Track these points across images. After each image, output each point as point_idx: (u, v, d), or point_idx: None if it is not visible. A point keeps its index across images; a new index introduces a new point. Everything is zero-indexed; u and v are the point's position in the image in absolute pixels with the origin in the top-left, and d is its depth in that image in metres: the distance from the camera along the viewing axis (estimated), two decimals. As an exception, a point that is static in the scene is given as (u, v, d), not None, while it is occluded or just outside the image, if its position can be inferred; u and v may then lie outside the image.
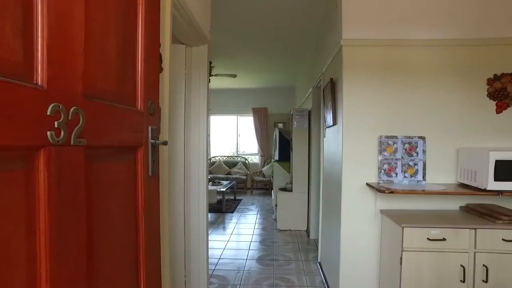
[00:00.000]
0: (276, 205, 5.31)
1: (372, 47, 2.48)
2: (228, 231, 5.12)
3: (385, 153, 2.42)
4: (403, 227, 2.05)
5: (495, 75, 2.48)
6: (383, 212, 2.42)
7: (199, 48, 2.60)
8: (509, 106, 2.49)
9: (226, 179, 8.42)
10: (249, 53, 5.36)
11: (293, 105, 8.12)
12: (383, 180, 2.41)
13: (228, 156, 9.58)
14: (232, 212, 6.43)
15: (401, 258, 2.06)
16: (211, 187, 6.71)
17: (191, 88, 2.61)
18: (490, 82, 2.49)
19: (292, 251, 4.16)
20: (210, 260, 3.81)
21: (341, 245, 2.53)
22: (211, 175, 8.70)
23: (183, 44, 2.53)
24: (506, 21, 2.47)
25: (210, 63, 6.06)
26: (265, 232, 5.02)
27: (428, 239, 2.04)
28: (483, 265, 2.05)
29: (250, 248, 4.25)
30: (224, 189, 6.59)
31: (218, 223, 5.57)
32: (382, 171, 2.42)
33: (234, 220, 5.79)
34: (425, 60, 2.48)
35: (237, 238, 4.74)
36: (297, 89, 7.89)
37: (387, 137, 2.43)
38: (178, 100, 2.49)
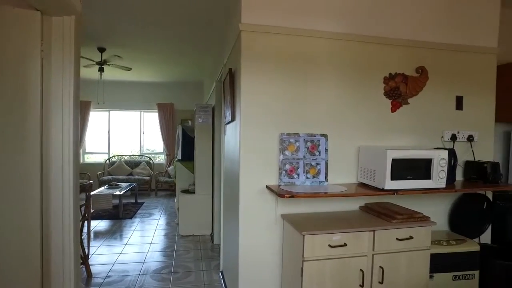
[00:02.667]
0: (178, 209, 4.85)
1: (275, 36, 2.25)
2: (124, 240, 4.48)
3: (287, 152, 2.22)
4: (304, 235, 1.86)
5: (390, 73, 2.49)
6: (284, 217, 2.21)
7: (62, 19, 2.03)
8: (401, 105, 2.53)
9: (127, 181, 7.59)
10: (151, 42, 4.76)
11: (201, 101, 7.71)
12: (284, 182, 2.20)
13: (130, 156, 8.68)
14: (131, 218, 5.75)
15: (302, 268, 1.87)
16: (106, 191, 5.90)
17: (52, 71, 2.02)
18: (386, 80, 2.49)
19: (193, 260, 3.78)
20: (94, 280, 3.20)
21: (239, 254, 2.25)
22: (110, 177, 7.75)
23: (38, 10, 1.93)
24: (400, 23, 2.51)
25: (103, 49, 5.28)
26: (166, 240, 4.54)
27: (329, 245, 1.89)
28: (380, 266, 1.99)
29: (146, 260, 3.73)
30: (121, 193, 5.84)
31: (112, 232, 4.86)
32: (284, 172, 2.21)
33: (132, 227, 5.15)
34: (329, 54, 2.36)
35: (132, 249, 4.15)
36: (205, 84, 7.50)
37: (289, 134, 2.23)
38: (27, 83, 1.89)
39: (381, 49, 2.46)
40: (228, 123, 2.77)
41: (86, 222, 3.43)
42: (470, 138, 2.67)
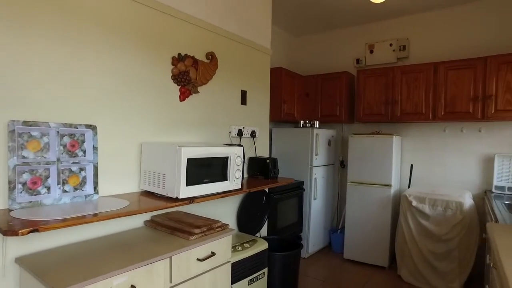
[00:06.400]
0: None
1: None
2: None
3: (26, 153, 1.32)
4: (59, 294, 1.08)
5: (179, 54, 2.04)
6: (23, 262, 1.31)
7: None
8: (191, 94, 2.14)
9: None
10: None
11: None
12: (20, 204, 1.30)
13: None
14: None
15: None
16: None
17: None
18: (175, 61, 2.02)
19: None
20: None
21: None
22: None
23: None
24: (203, 2, 2.13)
25: None
26: None
27: (106, 297, 1.20)
28: (179, 299, 1.50)
29: None
30: None
31: None
32: (19, 186, 1.30)
33: None
34: (100, 12, 1.61)
35: None
36: None
37: (29, 124, 1.34)
38: None
39: (171, 23, 1.97)
40: None
41: None
42: (253, 134, 2.63)
